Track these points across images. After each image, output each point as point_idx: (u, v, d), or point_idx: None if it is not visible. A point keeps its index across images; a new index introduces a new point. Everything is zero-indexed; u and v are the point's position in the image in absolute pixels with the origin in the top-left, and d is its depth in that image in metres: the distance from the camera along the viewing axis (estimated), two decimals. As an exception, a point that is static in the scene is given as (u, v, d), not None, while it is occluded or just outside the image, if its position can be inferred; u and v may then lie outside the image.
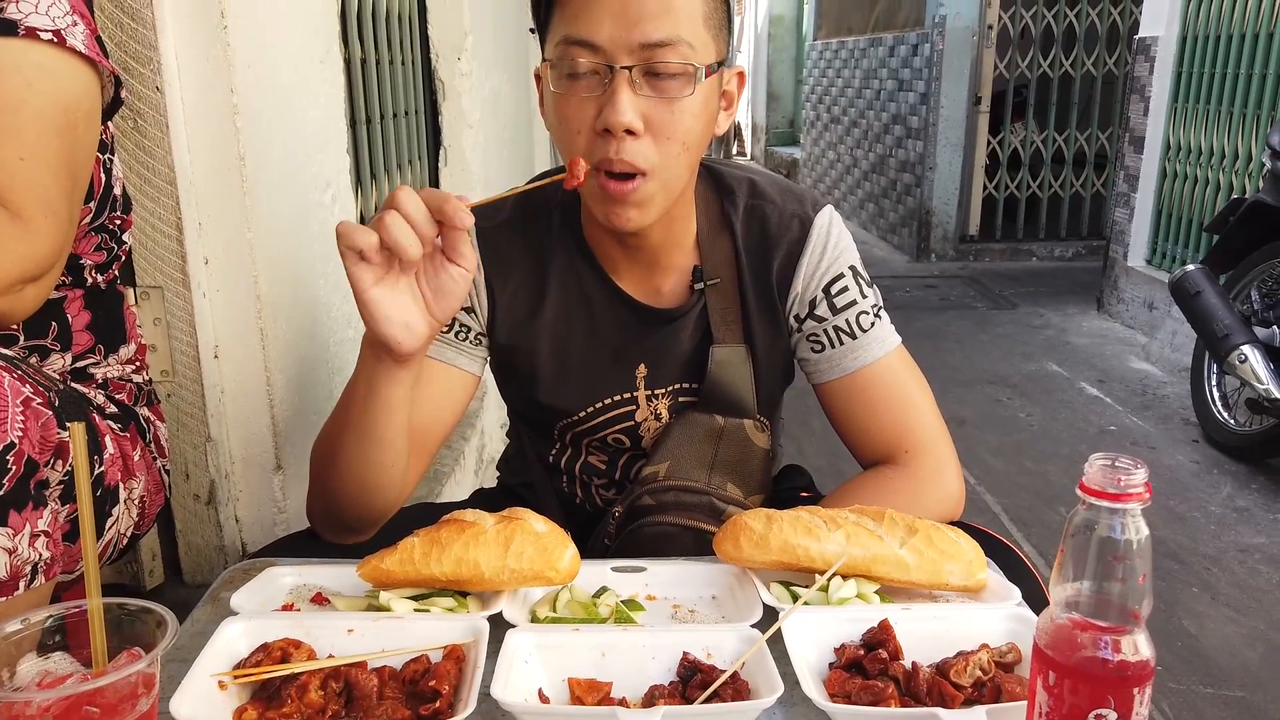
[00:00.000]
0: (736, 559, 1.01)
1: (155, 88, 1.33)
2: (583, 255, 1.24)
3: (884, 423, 1.23)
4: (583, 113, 1.06)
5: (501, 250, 1.23)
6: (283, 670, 0.82)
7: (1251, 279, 3.45)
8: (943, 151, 6.70)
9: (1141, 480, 0.63)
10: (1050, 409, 4.03)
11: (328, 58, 1.73)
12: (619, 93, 1.03)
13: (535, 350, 1.25)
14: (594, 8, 1.03)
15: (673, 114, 1.06)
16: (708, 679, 0.83)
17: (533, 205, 1.25)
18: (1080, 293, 5.85)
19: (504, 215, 1.24)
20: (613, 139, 1.05)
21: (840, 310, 1.23)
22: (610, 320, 1.24)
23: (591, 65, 1.04)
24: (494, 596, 0.96)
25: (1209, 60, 4.59)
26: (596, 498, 1.36)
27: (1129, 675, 0.64)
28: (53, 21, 0.96)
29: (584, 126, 1.06)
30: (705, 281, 1.23)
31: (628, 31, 1.02)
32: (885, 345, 1.24)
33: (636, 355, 1.26)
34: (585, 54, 1.04)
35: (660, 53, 1.03)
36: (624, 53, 1.03)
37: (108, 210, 1.14)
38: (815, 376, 1.27)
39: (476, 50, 2.85)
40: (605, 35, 1.03)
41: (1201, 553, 2.84)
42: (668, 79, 1.05)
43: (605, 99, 1.04)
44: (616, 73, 1.03)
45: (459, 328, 1.23)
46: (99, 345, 1.18)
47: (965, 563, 0.98)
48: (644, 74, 1.04)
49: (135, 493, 1.16)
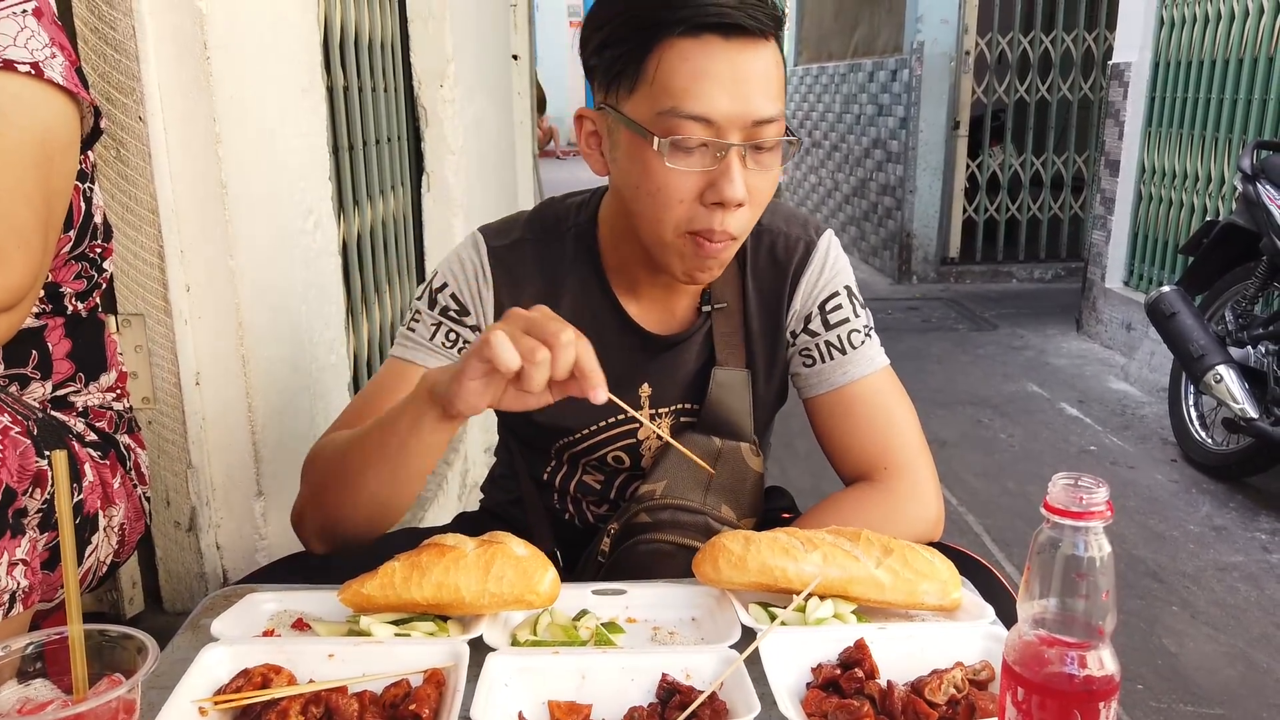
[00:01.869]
0: (715, 580, 1.02)
1: (138, 117, 1.34)
2: (597, 281, 1.26)
3: (865, 440, 1.25)
4: (686, 184, 1.07)
5: (514, 269, 1.25)
6: (263, 696, 0.82)
7: (1225, 300, 3.50)
8: (923, 175, 6.78)
9: (1103, 499, 0.65)
10: (1031, 429, 4.06)
11: (310, 86, 1.75)
12: (734, 169, 1.06)
13: None
14: (709, 82, 1.03)
15: (766, 183, 1.11)
16: (686, 700, 0.84)
17: (545, 228, 1.27)
18: (1059, 314, 5.90)
19: (516, 235, 1.26)
20: (720, 210, 1.08)
21: (833, 326, 1.26)
22: (618, 347, 1.26)
23: (703, 140, 1.05)
24: (474, 620, 0.96)
25: (1182, 85, 4.67)
26: (588, 515, 1.36)
27: (1095, 690, 0.66)
28: (31, 54, 0.97)
29: (688, 196, 1.08)
30: (713, 305, 1.26)
31: (743, 108, 1.04)
32: (873, 364, 1.27)
33: (641, 377, 1.28)
34: (699, 129, 1.05)
35: (766, 129, 1.06)
36: (736, 130, 1.05)
37: (88, 239, 1.15)
38: (805, 391, 1.30)
39: (459, 77, 2.88)
40: (720, 112, 1.04)
41: (1181, 571, 2.86)
42: (767, 152, 1.09)
43: (718, 174, 1.06)
44: (730, 149, 1.05)
45: (462, 344, 1.24)
46: (79, 373, 1.18)
47: (940, 582, 0.99)
48: (751, 148, 1.07)
49: (115, 520, 1.16)
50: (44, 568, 0.99)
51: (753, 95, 1.04)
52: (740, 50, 1.04)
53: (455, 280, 1.25)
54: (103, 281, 1.21)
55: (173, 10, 1.35)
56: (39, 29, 0.98)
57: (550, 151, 16.82)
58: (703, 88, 1.03)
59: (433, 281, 1.27)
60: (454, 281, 1.25)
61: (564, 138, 18.51)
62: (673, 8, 1.03)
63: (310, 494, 1.17)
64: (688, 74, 1.03)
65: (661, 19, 1.04)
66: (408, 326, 1.26)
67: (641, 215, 1.12)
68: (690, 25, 1.03)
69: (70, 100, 1.02)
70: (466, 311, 1.24)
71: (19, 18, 0.97)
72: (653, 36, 1.05)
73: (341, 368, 1.90)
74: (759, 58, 1.05)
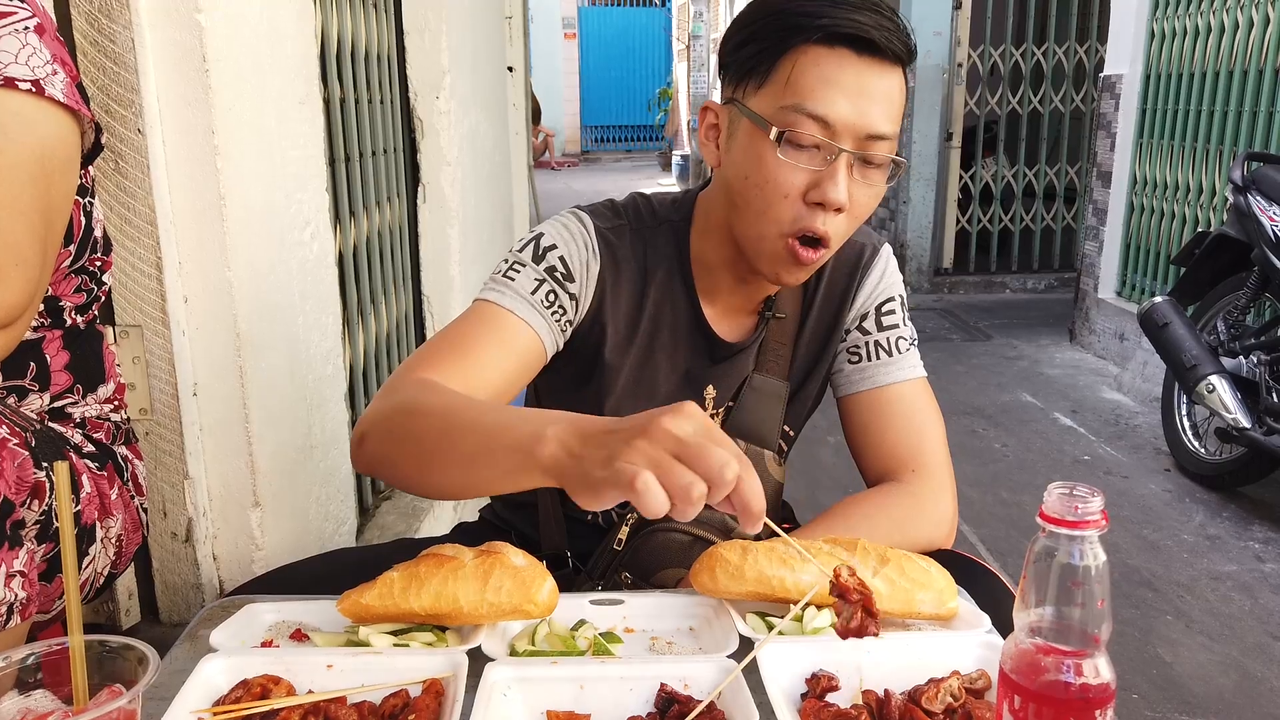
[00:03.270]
0: (713, 590, 1.02)
1: (137, 130, 1.35)
2: (683, 279, 1.28)
3: (898, 440, 1.29)
4: (794, 179, 1.11)
5: (618, 252, 1.26)
6: (263, 706, 0.82)
7: (1217, 310, 3.52)
8: (916, 186, 6.80)
9: (1098, 508, 0.65)
10: (1025, 439, 4.07)
11: (307, 98, 1.76)
12: (839, 173, 1.10)
13: (621, 364, 1.27)
14: (834, 88, 1.08)
15: (868, 198, 1.15)
16: (684, 709, 0.84)
17: (644, 219, 1.29)
18: (1053, 324, 5.93)
19: (621, 220, 1.28)
20: (821, 212, 1.12)
21: (885, 329, 1.33)
22: (689, 349, 1.29)
23: (816, 140, 1.09)
24: (473, 630, 0.96)
25: (1172, 97, 4.70)
26: (613, 513, 1.36)
27: (1091, 698, 0.66)
28: (32, 71, 0.97)
29: (793, 192, 1.12)
30: (773, 314, 1.31)
31: (860, 118, 1.09)
32: (915, 371, 1.33)
33: (707, 380, 1.31)
34: (814, 127, 1.09)
35: (877, 145, 1.11)
36: (850, 137, 1.09)
37: (88, 253, 1.15)
38: (845, 388, 1.34)
39: (454, 89, 2.89)
40: (839, 117, 1.08)
41: (1175, 581, 2.87)
42: (875, 168, 1.13)
43: (825, 175, 1.10)
44: (840, 154, 1.09)
45: (558, 306, 1.21)
46: (77, 385, 1.18)
47: (936, 591, 1.00)
48: (860, 160, 1.11)
49: (112, 531, 1.16)
50: (41, 579, 0.99)
51: (872, 109, 1.09)
52: (869, 66, 1.09)
53: (566, 245, 1.24)
54: (102, 294, 1.21)
55: (172, 24, 1.35)
56: (40, 46, 0.99)
57: (545, 162, 16.86)
58: (827, 91, 1.08)
59: (540, 239, 1.23)
60: (564, 245, 1.23)
61: (559, 148, 18.57)
62: (814, 16, 1.09)
63: (386, 432, 1.05)
64: (816, 77, 1.09)
65: (802, 25, 1.09)
66: (505, 275, 1.21)
67: (747, 207, 1.16)
68: (827, 34, 1.08)
69: (71, 117, 1.02)
70: (572, 278, 1.22)
71: (20, 35, 0.97)
72: (791, 39, 1.10)
73: (338, 378, 1.90)
74: (885, 78, 1.10)
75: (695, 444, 0.75)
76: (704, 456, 0.74)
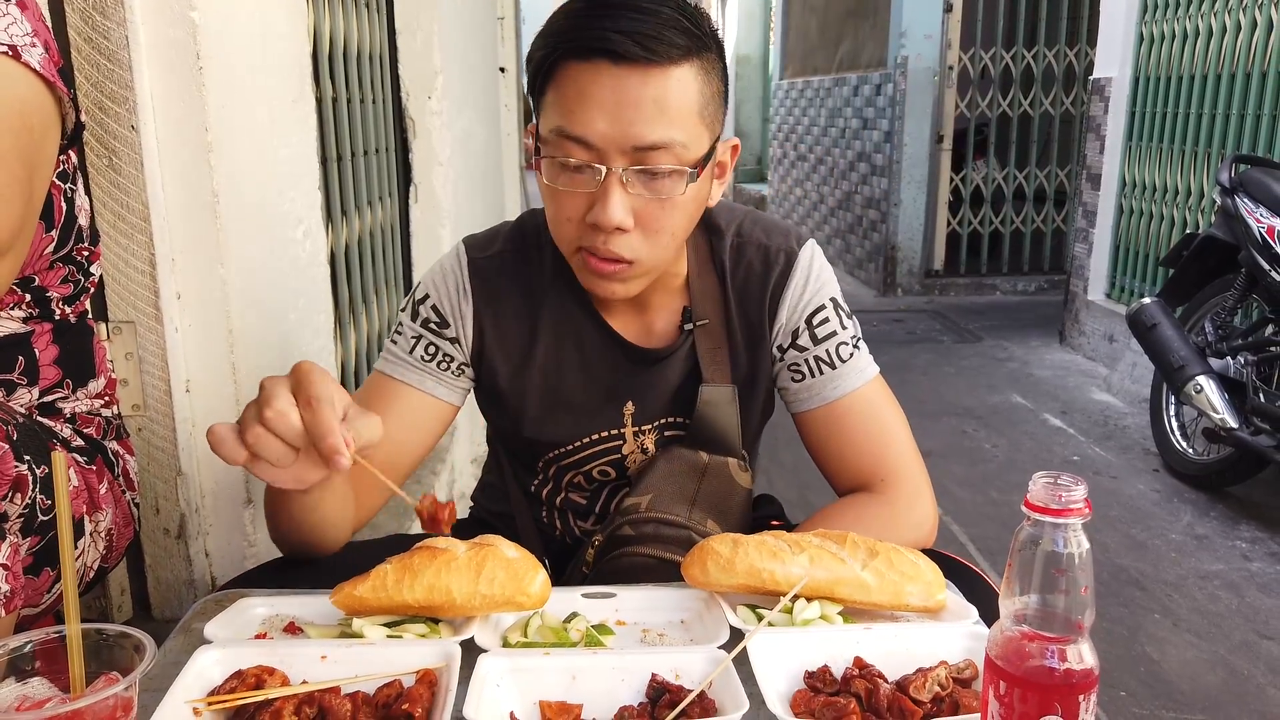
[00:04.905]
0: (704, 583, 1.03)
1: (130, 126, 1.35)
2: (575, 296, 1.26)
3: (861, 451, 1.26)
4: (573, 203, 1.09)
5: (492, 282, 1.25)
6: (257, 696, 0.83)
7: (1205, 311, 3.54)
8: (907, 188, 6.83)
9: (1081, 496, 0.66)
10: (1015, 440, 4.09)
11: (300, 97, 1.76)
12: (610, 194, 1.06)
13: (525, 388, 1.27)
14: (589, 105, 1.04)
15: (663, 210, 1.09)
16: (675, 699, 0.85)
17: (525, 242, 1.28)
18: (1043, 326, 5.96)
19: (497, 248, 1.27)
20: (601, 232, 1.08)
21: (821, 340, 1.26)
22: (602, 360, 1.27)
23: (582, 160, 1.06)
24: (466, 622, 0.97)
25: (1161, 100, 4.73)
26: (575, 529, 1.37)
27: (1075, 683, 0.67)
28: (10, 38, 0.97)
29: (575, 216, 1.09)
30: (694, 322, 1.26)
31: (621, 132, 1.04)
32: (864, 375, 1.27)
33: (625, 393, 1.28)
34: (578, 149, 1.06)
35: (653, 155, 1.05)
36: (617, 153, 1.05)
37: (73, 241, 1.14)
38: (795, 405, 1.30)
39: (447, 89, 2.89)
40: (599, 134, 1.04)
41: (1163, 580, 2.89)
42: (661, 178, 1.07)
43: (597, 196, 1.07)
44: (608, 173, 1.05)
45: (441, 357, 1.24)
46: (67, 379, 1.18)
47: (925, 584, 1.01)
48: (637, 173, 1.06)
49: (102, 525, 1.16)
50: (27, 573, 0.99)
51: (636, 120, 1.03)
52: (628, 75, 1.03)
53: (437, 291, 1.26)
54: (90, 286, 1.20)
55: (165, 21, 1.36)
56: (21, 18, 0.99)
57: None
58: (584, 110, 1.04)
59: (415, 292, 1.28)
60: (435, 293, 1.26)
61: (550, 151, 18.49)
62: (566, 32, 1.06)
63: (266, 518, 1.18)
64: (574, 96, 1.05)
65: (557, 43, 1.07)
66: (391, 339, 1.27)
67: (551, 229, 1.16)
68: (580, 49, 1.04)
69: (48, 89, 1.02)
70: (446, 324, 1.25)
71: (2, 3, 0.98)
72: (553, 58, 1.07)
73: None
74: (651, 83, 1.03)
75: (272, 415, 0.88)
76: (261, 404, 0.89)
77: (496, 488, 1.45)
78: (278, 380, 0.91)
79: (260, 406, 0.89)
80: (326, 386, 0.89)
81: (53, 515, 0.97)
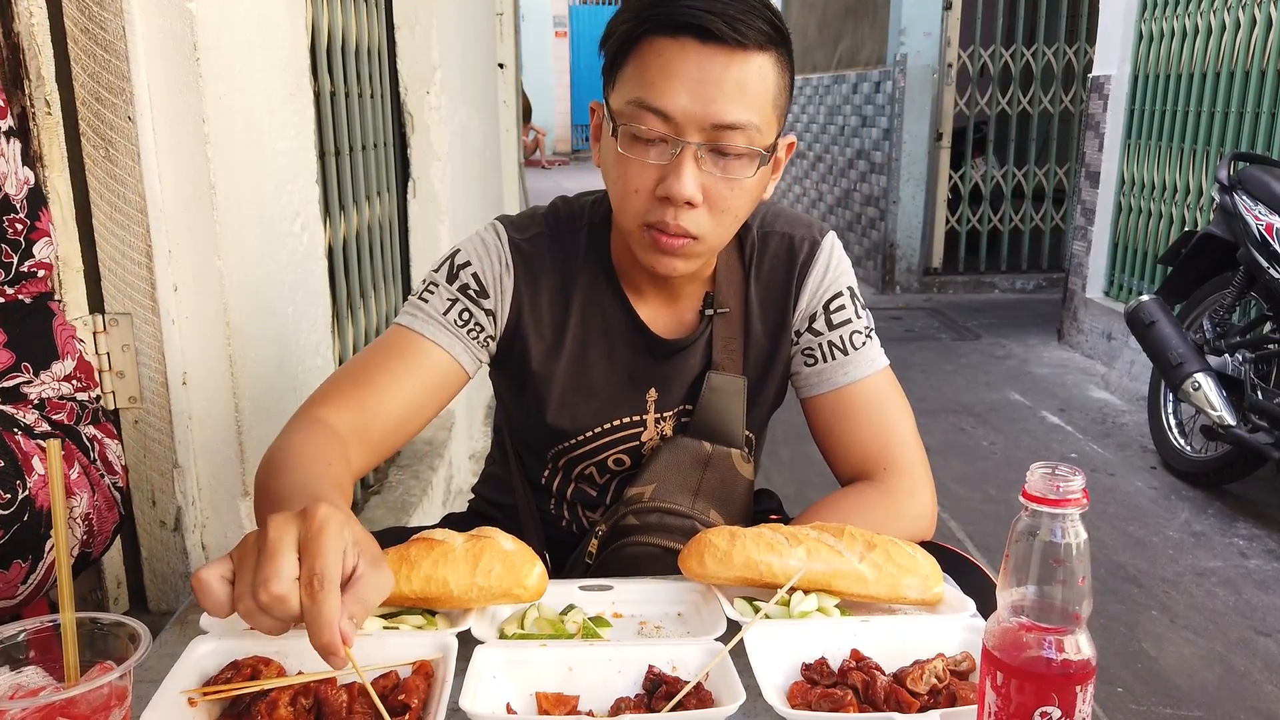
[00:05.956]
0: (701, 575, 1.03)
1: (127, 117, 1.35)
2: (608, 281, 1.26)
3: (865, 439, 1.26)
4: (644, 175, 1.09)
5: (533, 262, 1.25)
6: (253, 687, 0.83)
7: (1203, 309, 3.55)
8: (906, 186, 6.83)
9: (1079, 486, 0.66)
10: (1013, 437, 4.09)
11: (298, 90, 1.76)
12: (684, 167, 1.07)
13: (552, 372, 1.27)
14: (672, 79, 1.05)
15: (731, 191, 1.10)
16: (672, 690, 0.85)
17: (562, 224, 1.28)
18: (1041, 324, 5.96)
19: (534, 230, 1.27)
20: (671, 206, 1.09)
21: (836, 326, 1.28)
22: (627, 348, 1.27)
23: (660, 134, 1.07)
24: (462, 614, 0.97)
25: (1160, 98, 4.73)
26: (583, 520, 1.37)
27: (1072, 673, 0.67)
28: None
29: (644, 188, 1.10)
30: (715, 310, 1.27)
31: (703, 109, 1.05)
32: (874, 365, 1.29)
33: (649, 380, 1.29)
34: (656, 121, 1.07)
35: (730, 135, 1.07)
36: (695, 129, 1.06)
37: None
38: (805, 390, 1.31)
39: (445, 84, 2.89)
40: (679, 109, 1.05)
41: (1160, 577, 2.89)
42: (733, 159, 1.09)
43: (670, 169, 1.08)
44: (684, 147, 1.06)
45: (474, 325, 1.22)
46: (24, 363, 1.12)
47: (922, 577, 1.01)
48: (710, 151, 1.08)
49: (76, 511, 1.13)
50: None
51: (717, 98, 1.05)
52: (714, 55, 1.05)
53: (480, 260, 1.24)
54: (37, 269, 1.10)
55: (163, 12, 1.35)
56: None
57: (536, 160, 16.85)
58: (667, 83, 1.06)
59: (455, 257, 1.25)
60: (478, 261, 1.24)
61: (549, 147, 18.55)
62: (654, 7, 1.07)
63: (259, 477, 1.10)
64: (658, 69, 1.06)
65: (646, 16, 1.07)
66: (420, 297, 1.23)
67: (613, 203, 1.16)
68: (668, 24, 1.06)
69: None
70: (486, 294, 1.23)
71: None
72: (637, 31, 1.08)
73: (327, 370, 1.90)
74: (735, 65, 1.05)
75: (269, 599, 0.75)
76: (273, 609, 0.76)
77: (500, 479, 1.44)
78: (285, 534, 0.78)
79: (258, 581, 0.76)
80: (334, 559, 0.77)
81: (13, 510, 0.95)
